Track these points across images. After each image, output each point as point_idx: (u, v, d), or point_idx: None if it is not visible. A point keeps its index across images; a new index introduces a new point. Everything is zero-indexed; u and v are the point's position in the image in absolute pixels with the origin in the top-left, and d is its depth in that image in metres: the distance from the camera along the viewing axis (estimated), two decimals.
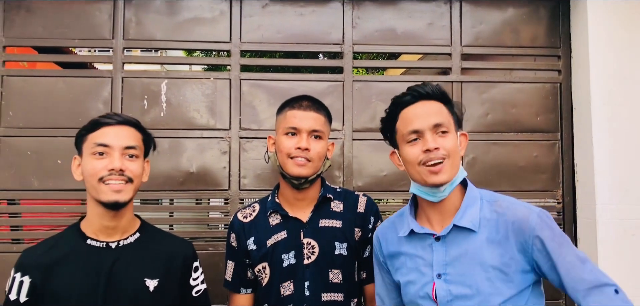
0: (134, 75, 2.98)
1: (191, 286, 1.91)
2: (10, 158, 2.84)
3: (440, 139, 1.56)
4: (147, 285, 1.75)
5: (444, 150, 1.55)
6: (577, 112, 3.02)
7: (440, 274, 1.59)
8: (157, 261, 1.81)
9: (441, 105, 1.62)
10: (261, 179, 2.96)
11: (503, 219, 1.55)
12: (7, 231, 2.86)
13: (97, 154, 1.70)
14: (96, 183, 1.69)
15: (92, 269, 1.70)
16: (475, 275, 1.53)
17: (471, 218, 1.58)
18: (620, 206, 2.79)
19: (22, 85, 2.89)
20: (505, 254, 1.52)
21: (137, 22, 2.99)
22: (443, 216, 1.63)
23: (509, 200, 1.61)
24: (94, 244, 1.74)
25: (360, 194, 2.12)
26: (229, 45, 3.03)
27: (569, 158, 3.06)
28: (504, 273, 1.51)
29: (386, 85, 3.08)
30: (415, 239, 1.68)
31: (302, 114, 1.97)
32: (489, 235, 1.55)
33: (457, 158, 1.59)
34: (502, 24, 3.12)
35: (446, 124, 1.58)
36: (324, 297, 1.95)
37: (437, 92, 1.62)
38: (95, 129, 1.74)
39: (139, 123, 1.84)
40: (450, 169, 1.56)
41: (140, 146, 1.80)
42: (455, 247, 1.59)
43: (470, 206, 1.60)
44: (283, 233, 2.00)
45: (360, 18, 3.08)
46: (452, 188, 1.60)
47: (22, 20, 2.93)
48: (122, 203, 1.71)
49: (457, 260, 1.57)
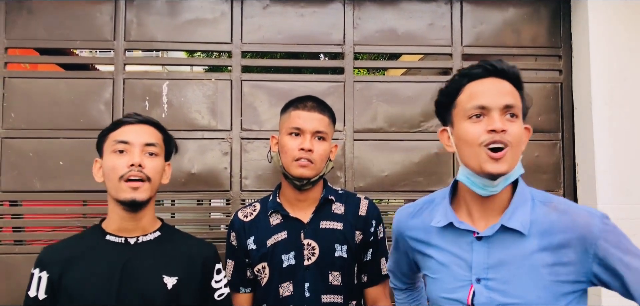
0: (136, 76, 2.98)
1: (214, 289, 1.88)
2: (12, 159, 2.85)
3: (509, 123, 1.36)
4: (165, 282, 1.73)
5: (510, 136, 1.35)
6: (578, 112, 3.02)
7: (480, 279, 1.41)
8: (176, 259, 1.80)
9: (513, 87, 1.42)
10: (262, 180, 2.96)
11: (559, 223, 1.38)
12: (10, 232, 2.86)
13: (118, 151, 1.72)
14: (116, 182, 1.69)
15: (108, 263, 1.71)
16: (523, 284, 1.36)
17: (521, 219, 1.39)
18: (621, 206, 2.78)
19: (23, 86, 2.90)
20: (560, 263, 1.35)
21: (139, 23, 2.99)
22: (487, 213, 1.46)
23: (566, 202, 1.43)
24: (112, 240, 1.76)
25: (362, 197, 2.12)
26: (230, 46, 3.03)
27: (570, 158, 3.05)
28: (555, 284, 1.34)
29: (387, 85, 3.08)
30: (449, 233, 1.50)
31: (307, 114, 1.97)
32: (541, 241, 1.37)
33: (519, 150, 1.40)
34: (503, 24, 3.12)
35: (517, 108, 1.39)
36: (323, 299, 1.95)
37: (512, 73, 1.43)
38: (116, 128, 1.77)
39: (160, 124, 1.86)
40: (511, 160, 1.36)
41: (160, 145, 1.81)
42: (499, 250, 1.41)
43: (520, 205, 1.42)
44: (283, 234, 2.00)
45: (361, 19, 3.08)
46: (507, 183, 1.41)
47: (24, 22, 2.93)
48: (139, 201, 1.71)
49: (502, 265, 1.39)
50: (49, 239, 2.87)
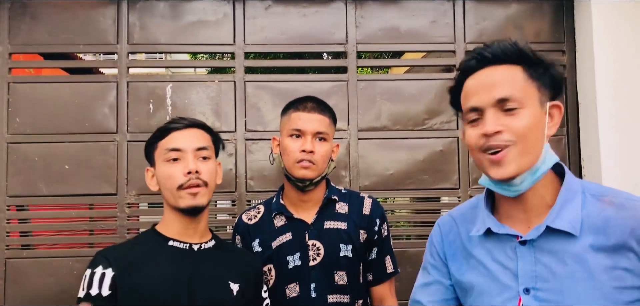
0: (139, 79, 2.99)
1: (263, 299, 1.90)
2: (18, 164, 2.86)
3: (507, 119, 1.20)
4: (231, 288, 1.74)
5: (509, 134, 1.19)
6: (582, 107, 3.01)
7: (528, 289, 1.22)
8: (236, 267, 1.81)
9: (516, 70, 1.24)
10: (268, 181, 2.97)
11: (616, 219, 1.18)
12: (17, 237, 2.88)
13: (171, 160, 1.70)
14: (175, 191, 1.69)
15: (178, 269, 1.69)
16: (577, 293, 1.17)
17: (570, 217, 1.20)
18: None
19: (28, 91, 2.91)
20: (619, 265, 1.15)
21: (141, 26, 3.00)
22: (529, 214, 1.27)
23: (624, 195, 1.24)
24: (176, 246, 1.73)
25: (366, 196, 2.12)
26: (232, 48, 3.04)
27: (576, 153, 3.04)
28: (620, 291, 1.15)
29: (390, 84, 3.08)
30: (492, 240, 1.31)
31: (307, 116, 1.97)
32: (595, 240, 1.18)
33: (533, 141, 1.20)
34: (505, 20, 3.12)
35: (518, 97, 1.20)
36: (329, 299, 1.95)
37: (512, 53, 1.25)
38: (164, 136, 1.74)
39: (206, 124, 1.86)
40: (519, 158, 1.19)
41: (210, 147, 1.81)
42: (548, 255, 1.21)
43: (568, 201, 1.22)
44: (288, 235, 2.00)
45: (364, 17, 3.08)
46: (535, 179, 1.22)
47: (28, 27, 2.94)
48: (200, 207, 1.71)
49: (552, 272, 1.20)
50: (56, 243, 2.89)
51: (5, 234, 2.84)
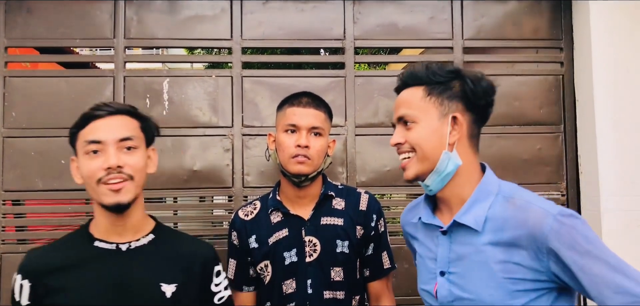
0: (136, 74, 2.98)
1: (213, 293, 1.74)
2: (14, 159, 2.85)
3: (406, 132, 1.46)
4: (163, 291, 1.59)
5: (408, 145, 1.45)
6: (580, 104, 3.01)
7: (443, 272, 1.45)
8: (174, 264, 1.65)
9: (417, 90, 1.48)
10: (265, 176, 2.96)
11: (514, 219, 1.34)
12: (13, 231, 2.87)
13: (91, 153, 1.53)
14: (95, 185, 1.53)
15: (101, 274, 1.56)
16: (475, 280, 1.37)
17: (475, 215, 1.39)
18: (625, 198, 2.78)
19: (24, 86, 2.90)
20: (510, 260, 1.32)
21: (138, 20, 2.99)
22: (451, 209, 1.47)
23: (527, 198, 1.38)
24: (102, 247, 1.60)
25: (363, 192, 2.12)
26: (230, 43, 3.03)
27: (573, 150, 3.05)
28: (508, 282, 1.32)
29: (388, 80, 3.07)
30: (426, 228, 1.55)
31: (302, 111, 1.97)
32: (493, 236, 1.36)
33: (428, 149, 1.41)
34: (503, 16, 3.11)
35: (412, 115, 1.45)
36: (326, 295, 1.95)
37: (409, 80, 1.51)
38: (85, 125, 1.56)
39: (135, 110, 1.67)
40: (418, 164, 1.43)
41: (138, 135, 1.62)
42: (459, 245, 1.42)
43: (479, 201, 1.41)
44: (284, 231, 2.00)
45: (361, 13, 3.07)
46: (442, 180, 1.43)
47: (24, 21, 2.93)
48: (124, 203, 1.55)
49: (460, 260, 1.41)
50: (51, 238, 2.88)
51: (1, 229, 2.83)
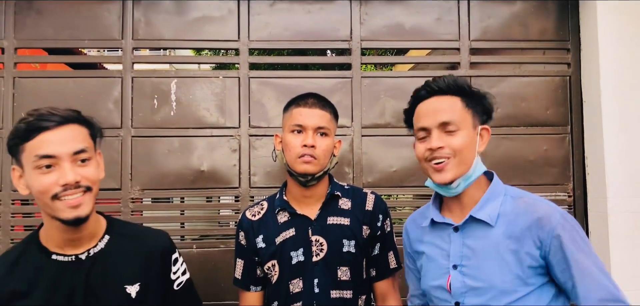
0: (144, 75, 3.00)
1: (172, 281, 1.72)
2: None
3: (447, 138, 1.55)
4: (128, 292, 1.57)
5: (449, 149, 1.55)
6: (587, 105, 3.00)
7: (456, 265, 1.58)
8: (133, 263, 1.61)
9: (456, 100, 1.59)
10: (271, 177, 2.97)
11: (524, 215, 1.52)
12: (22, 231, 2.89)
13: (43, 167, 1.42)
14: (50, 201, 1.43)
15: (65, 288, 1.50)
16: (489, 269, 1.52)
17: (489, 211, 1.56)
18: (632, 199, 2.77)
19: (33, 86, 2.92)
20: (521, 250, 1.49)
21: (146, 22, 3.01)
22: (463, 209, 1.63)
23: (535, 198, 1.58)
24: (61, 260, 1.52)
25: (369, 192, 2.12)
26: (237, 44, 3.04)
27: (580, 151, 3.04)
28: (518, 269, 1.49)
29: (394, 81, 3.08)
30: (436, 229, 1.68)
31: (308, 111, 1.97)
32: (506, 229, 1.53)
33: (467, 155, 1.56)
34: (510, 17, 3.11)
35: (456, 121, 1.56)
36: (332, 294, 1.96)
37: (453, 87, 1.59)
38: (32, 137, 1.44)
39: (81, 115, 1.56)
40: (456, 167, 1.55)
41: (89, 145, 1.53)
42: (472, 239, 1.57)
43: (491, 199, 1.58)
44: (291, 231, 2.01)
45: (368, 14, 3.08)
46: (468, 184, 1.59)
47: (33, 22, 2.96)
48: (84, 217, 1.48)
49: (474, 252, 1.56)
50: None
51: (10, 229, 2.86)
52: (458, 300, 1.57)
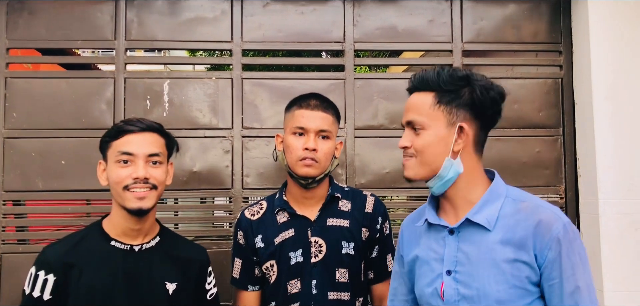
0: (137, 75, 2.99)
1: (206, 290, 1.98)
2: (14, 159, 2.86)
3: (413, 137, 1.50)
4: (167, 288, 1.81)
5: (412, 149, 1.50)
6: (579, 108, 3.02)
7: (449, 271, 1.46)
8: (176, 265, 1.87)
9: (428, 97, 1.49)
10: (264, 178, 2.97)
11: (525, 220, 1.40)
12: (13, 232, 2.88)
13: (122, 162, 1.74)
14: (121, 191, 1.73)
15: (116, 270, 1.75)
16: (483, 277, 1.40)
17: (487, 214, 1.44)
18: (623, 201, 2.79)
19: (25, 86, 2.91)
20: (519, 258, 1.37)
21: (139, 22, 3.00)
22: (457, 210, 1.52)
23: (538, 202, 1.46)
24: (118, 246, 1.79)
25: (369, 194, 2.12)
26: (230, 45, 3.04)
27: (572, 153, 3.05)
28: (515, 279, 1.37)
29: (388, 82, 3.08)
30: (432, 231, 1.57)
31: (310, 113, 1.96)
32: (504, 235, 1.41)
33: (431, 156, 1.47)
34: (503, 20, 3.12)
35: (421, 121, 1.48)
36: (330, 296, 1.96)
37: (426, 81, 1.51)
38: (119, 137, 1.76)
39: (162, 128, 1.86)
40: (416, 167, 1.50)
41: (163, 152, 1.83)
42: (467, 243, 1.46)
43: (490, 202, 1.46)
44: (291, 231, 2.01)
45: (361, 16, 3.08)
46: (445, 184, 1.49)
47: (25, 23, 2.94)
48: (146, 209, 1.75)
49: (468, 258, 1.44)
50: (52, 238, 2.88)
51: (1, 229, 2.84)
52: None
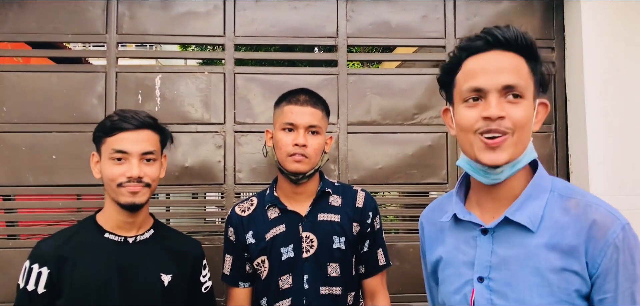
0: (128, 70, 2.97)
1: (201, 283, 2.00)
2: (4, 154, 2.83)
3: (509, 107, 1.18)
4: (162, 280, 1.82)
5: (510, 122, 1.18)
6: (571, 104, 3.03)
7: (482, 277, 1.25)
8: (170, 257, 1.88)
9: (522, 60, 1.22)
10: (256, 173, 2.96)
11: (576, 221, 1.17)
12: (3, 226, 2.85)
13: (116, 159, 1.74)
14: (115, 187, 1.74)
15: (110, 262, 1.76)
16: (523, 287, 1.18)
17: (530, 212, 1.21)
18: (614, 197, 2.79)
19: (16, 80, 2.88)
20: (568, 267, 1.15)
21: (131, 16, 2.98)
22: (498, 204, 1.28)
23: (590, 199, 1.21)
24: (112, 238, 1.81)
25: (359, 189, 2.12)
26: (223, 39, 3.02)
27: (563, 150, 3.07)
28: (562, 293, 1.15)
29: (381, 78, 3.08)
30: (459, 227, 1.35)
31: (299, 109, 1.96)
32: (550, 239, 1.18)
33: (526, 134, 1.21)
34: (496, 16, 3.12)
35: (521, 87, 1.19)
36: (322, 291, 1.96)
37: (521, 41, 1.22)
38: (113, 133, 1.76)
39: (156, 123, 1.86)
40: (513, 147, 1.19)
41: (157, 149, 1.84)
42: (505, 246, 1.23)
43: (533, 197, 1.23)
44: (281, 227, 2.00)
45: (354, 11, 3.08)
46: (514, 171, 1.23)
47: (15, 16, 2.91)
48: (139, 204, 1.77)
49: (505, 263, 1.22)
50: (42, 233, 2.86)
51: None
52: None
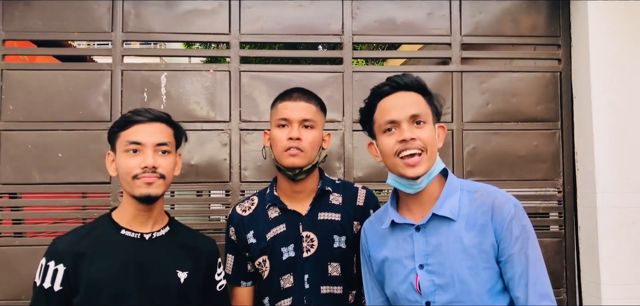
0: (134, 67, 2.97)
1: (216, 281, 1.99)
2: (11, 152, 2.84)
3: (417, 130, 1.58)
4: (178, 276, 1.82)
5: (420, 141, 1.57)
6: (577, 101, 3.02)
7: (422, 265, 1.60)
8: (186, 254, 1.88)
9: (419, 96, 1.64)
10: (262, 171, 2.96)
11: (482, 207, 1.57)
12: (10, 225, 2.87)
13: (131, 151, 1.76)
14: (130, 180, 1.75)
15: (127, 258, 1.77)
16: (455, 264, 1.55)
17: (451, 206, 1.60)
18: (620, 194, 2.79)
19: (22, 79, 2.89)
20: (484, 241, 1.53)
21: (136, 14, 2.98)
22: (423, 206, 1.65)
23: (489, 189, 1.64)
24: (128, 235, 1.81)
25: (360, 187, 2.12)
26: (228, 37, 3.02)
27: (570, 147, 3.05)
28: (483, 260, 1.53)
29: (386, 75, 3.04)
30: (397, 231, 1.69)
31: (292, 104, 1.98)
32: (467, 223, 1.57)
33: (434, 150, 1.61)
34: (501, 13, 3.11)
35: (423, 115, 1.60)
36: (323, 290, 1.96)
37: (416, 84, 1.65)
38: (127, 127, 1.79)
39: (170, 118, 1.88)
40: (427, 162, 1.58)
41: (171, 142, 1.85)
42: (435, 236, 1.60)
43: (449, 195, 1.62)
44: (282, 226, 2.00)
45: (360, 8, 3.07)
46: (430, 180, 1.61)
47: (21, 14, 2.92)
48: (154, 196, 1.77)
49: (438, 250, 1.58)
50: (48, 231, 2.87)
51: None
52: (428, 299, 1.58)
